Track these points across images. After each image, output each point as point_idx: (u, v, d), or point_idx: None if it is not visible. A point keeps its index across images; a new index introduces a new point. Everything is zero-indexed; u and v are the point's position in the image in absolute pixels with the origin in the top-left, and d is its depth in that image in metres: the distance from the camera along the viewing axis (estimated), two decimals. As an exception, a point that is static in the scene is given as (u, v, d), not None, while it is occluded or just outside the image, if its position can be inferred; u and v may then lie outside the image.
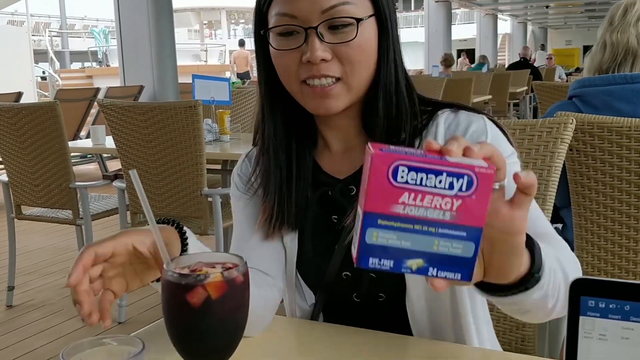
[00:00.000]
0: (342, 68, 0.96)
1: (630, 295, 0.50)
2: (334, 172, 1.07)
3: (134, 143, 2.87)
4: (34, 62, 12.36)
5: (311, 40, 0.94)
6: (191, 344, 0.65)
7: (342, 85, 0.97)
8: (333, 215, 1.05)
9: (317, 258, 1.06)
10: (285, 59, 0.97)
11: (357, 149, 1.06)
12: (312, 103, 0.99)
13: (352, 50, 0.95)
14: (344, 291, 1.05)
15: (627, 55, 1.81)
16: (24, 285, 3.70)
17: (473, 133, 0.98)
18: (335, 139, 1.08)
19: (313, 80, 0.96)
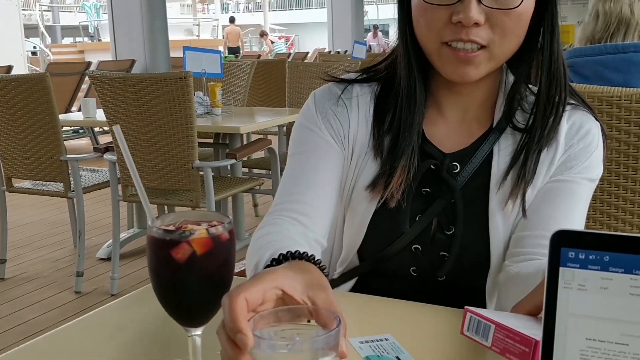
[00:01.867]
0: (492, 36, 0.89)
1: (609, 246, 0.50)
2: (441, 145, 1.01)
3: (124, 115, 2.86)
4: (24, 37, 12.23)
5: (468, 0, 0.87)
6: (177, 300, 0.65)
7: (485, 53, 0.90)
8: (424, 187, 1.00)
9: (391, 223, 1.00)
10: (431, 14, 0.90)
11: (473, 123, 1.01)
12: (449, 68, 0.92)
13: (510, 20, 0.88)
14: (403, 263, 1.02)
15: (620, 25, 1.81)
16: (17, 258, 3.71)
17: (587, 139, 0.98)
18: (453, 107, 1.02)
19: (457, 43, 0.89)
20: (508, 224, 0.98)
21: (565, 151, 0.97)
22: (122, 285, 3.22)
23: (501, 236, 0.98)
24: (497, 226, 0.98)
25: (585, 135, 0.97)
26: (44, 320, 2.87)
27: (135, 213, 3.88)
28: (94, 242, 3.86)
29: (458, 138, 1.01)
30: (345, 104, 1.03)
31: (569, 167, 0.97)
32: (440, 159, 0.99)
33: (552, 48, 0.95)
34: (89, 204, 3.42)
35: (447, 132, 1.01)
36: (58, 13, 23.76)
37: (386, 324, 0.87)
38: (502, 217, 0.97)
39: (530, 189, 0.97)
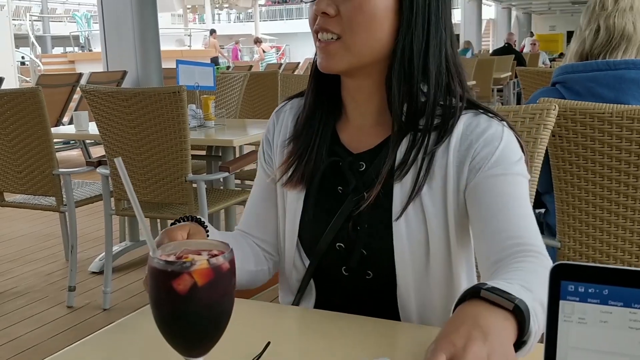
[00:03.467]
0: (342, 26, 0.97)
1: (608, 280, 0.51)
2: (350, 146, 1.08)
3: (117, 129, 2.86)
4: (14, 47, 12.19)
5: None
6: (178, 331, 0.65)
7: (340, 44, 0.98)
8: (339, 186, 1.07)
9: (316, 223, 1.08)
10: (310, 10, 1.01)
11: (377, 127, 1.06)
12: (318, 59, 1.02)
13: (353, 9, 0.96)
14: (334, 262, 1.08)
15: (622, 40, 1.81)
16: (8, 272, 3.68)
17: (487, 137, 0.99)
18: (355, 113, 1.09)
19: (320, 34, 0.99)
20: (411, 228, 1.01)
21: (468, 152, 0.99)
22: (115, 299, 3.20)
23: (404, 239, 1.02)
24: (400, 229, 1.01)
25: (482, 133, 0.99)
26: (36, 335, 2.85)
27: (127, 226, 3.87)
28: (86, 256, 3.85)
29: (365, 140, 1.07)
30: (275, 119, 1.18)
31: (478, 168, 0.98)
32: (344, 157, 1.07)
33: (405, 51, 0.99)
34: (80, 216, 3.40)
35: (354, 135, 1.09)
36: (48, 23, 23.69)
37: (384, 346, 0.87)
38: (404, 220, 1.01)
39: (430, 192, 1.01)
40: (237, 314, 0.73)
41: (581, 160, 1.70)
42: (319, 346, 0.89)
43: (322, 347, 0.89)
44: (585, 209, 1.75)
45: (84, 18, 20.44)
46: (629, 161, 1.66)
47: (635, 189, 1.67)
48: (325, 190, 1.08)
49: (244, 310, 1.01)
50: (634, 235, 1.71)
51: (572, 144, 1.70)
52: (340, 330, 0.93)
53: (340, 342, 0.91)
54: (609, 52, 1.81)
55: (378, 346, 0.88)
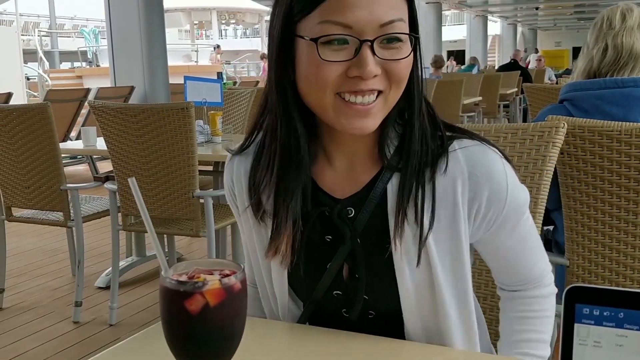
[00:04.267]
0: (388, 84, 0.90)
1: (624, 303, 0.51)
2: (333, 191, 1.00)
3: (125, 145, 2.87)
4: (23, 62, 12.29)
5: (365, 55, 0.85)
6: (189, 351, 0.65)
7: (382, 101, 0.90)
8: (327, 235, 1.00)
9: (307, 276, 1.02)
10: (327, 70, 0.87)
11: (361, 169, 0.99)
12: (347, 122, 0.90)
13: (402, 67, 0.90)
14: (333, 307, 1.03)
15: (630, 59, 1.82)
16: (15, 287, 3.68)
17: (492, 191, 0.94)
18: (341, 157, 1.00)
19: (355, 96, 0.88)
20: (416, 272, 0.96)
21: (476, 196, 0.94)
22: (121, 314, 3.20)
23: (409, 284, 0.96)
24: (404, 273, 0.96)
25: (490, 176, 0.94)
26: (42, 351, 2.85)
27: (134, 241, 3.87)
28: (93, 270, 3.85)
29: (349, 184, 0.99)
30: (232, 182, 1.06)
31: (490, 225, 0.97)
32: (331, 205, 0.98)
33: (418, 87, 0.96)
34: (87, 231, 3.41)
35: (337, 179, 1.00)
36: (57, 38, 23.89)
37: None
38: (408, 264, 0.95)
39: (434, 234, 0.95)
40: (249, 333, 0.73)
41: (590, 177, 1.70)
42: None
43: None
44: (594, 226, 1.74)
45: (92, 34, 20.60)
46: (638, 179, 1.65)
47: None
48: (311, 242, 1.00)
49: (256, 330, 1.01)
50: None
51: (581, 161, 1.69)
52: (354, 350, 0.93)
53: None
54: (617, 71, 1.81)
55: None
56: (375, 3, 0.86)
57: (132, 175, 2.86)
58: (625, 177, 1.67)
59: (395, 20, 0.87)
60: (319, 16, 0.86)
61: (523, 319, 1.05)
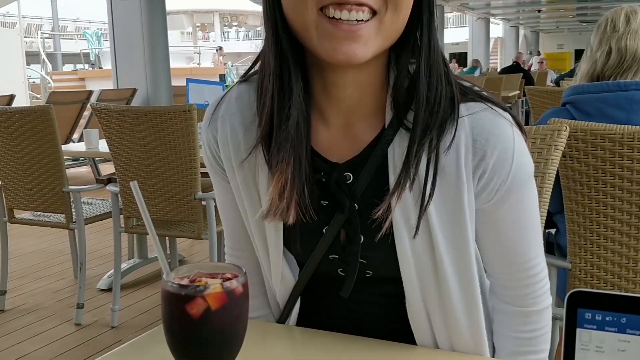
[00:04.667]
0: (383, 2, 0.77)
1: (626, 308, 0.50)
2: (330, 154, 0.90)
3: (127, 147, 2.87)
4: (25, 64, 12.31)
5: None
6: (190, 354, 0.65)
7: (375, 24, 0.77)
8: (322, 200, 0.91)
9: (303, 240, 0.94)
10: None
11: (360, 127, 0.89)
12: (331, 44, 0.77)
13: None
14: (329, 268, 0.97)
15: (634, 62, 1.82)
16: (17, 289, 3.69)
17: (498, 157, 0.85)
18: (337, 113, 0.89)
19: (340, 11, 0.75)
20: (416, 241, 0.88)
21: (479, 165, 0.86)
22: (123, 316, 3.20)
23: (408, 253, 0.89)
24: (403, 242, 0.89)
25: (493, 149, 0.85)
26: (44, 352, 2.85)
27: (136, 243, 3.87)
28: (95, 273, 3.85)
29: (347, 146, 0.90)
30: (213, 128, 0.96)
31: (492, 195, 0.88)
32: (327, 171, 0.90)
33: (430, 33, 0.83)
34: (89, 233, 3.40)
35: (333, 140, 0.90)
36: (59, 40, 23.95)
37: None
38: (407, 231, 0.88)
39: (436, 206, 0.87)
40: (251, 336, 0.73)
41: (592, 181, 1.70)
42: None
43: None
44: (596, 230, 1.74)
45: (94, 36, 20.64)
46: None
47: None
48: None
49: (257, 333, 1.01)
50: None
51: (583, 164, 1.69)
52: (357, 353, 0.93)
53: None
54: (620, 74, 1.81)
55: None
56: None
57: (134, 177, 2.87)
58: (628, 180, 1.66)
59: None
60: None
61: (521, 340, 0.99)
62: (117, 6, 7.79)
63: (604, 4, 19.09)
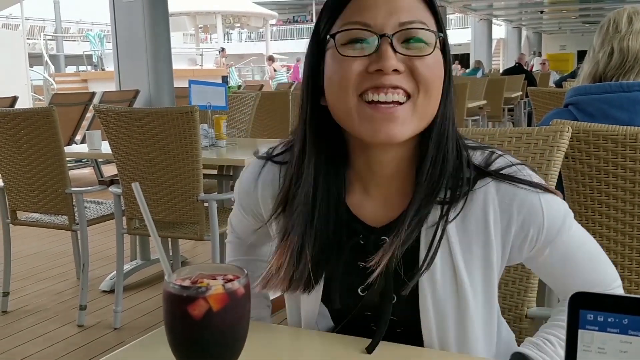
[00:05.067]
0: (415, 85, 0.87)
1: (628, 309, 0.50)
2: (368, 219, 0.99)
3: (130, 148, 2.88)
4: (28, 66, 12.34)
5: (384, 49, 0.85)
6: (192, 355, 0.65)
7: (410, 106, 0.87)
8: (359, 261, 0.98)
9: (341, 299, 1.01)
10: (346, 66, 0.87)
11: (396, 195, 0.97)
12: (371, 126, 0.87)
13: (427, 67, 0.87)
14: (362, 322, 1.02)
15: (636, 63, 1.81)
16: (19, 290, 3.69)
17: (527, 213, 0.93)
18: (372, 184, 0.98)
19: (378, 94, 0.85)
20: (438, 299, 0.95)
21: (510, 225, 0.94)
22: (125, 318, 3.20)
23: (430, 311, 0.96)
24: (426, 300, 0.95)
25: (522, 201, 0.93)
26: (46, 354, 2.85)
27: (138, 245, 3.87)
28: (97, 274, 3.85)
29: (385, 212, 0.98)
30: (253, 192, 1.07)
31: (532, 246, 0.96)
32: (365, 235, 0.98)
33: (452, 115, 0.94)
34: (91, 234, 3.41)
35: (373, 209, 0.99)
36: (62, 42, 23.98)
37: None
38: (431, 290, 0.95)
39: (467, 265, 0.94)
40: (253, 337, 0.73)
41: (594, 182, 1.69)
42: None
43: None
44: (598, 231, 1.73)
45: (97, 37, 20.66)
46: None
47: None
48: (346, 268, 0.99)
49: (259, 334, 1.01)
50: (649, 258, 1.69)
51: (585, 166, 1.69)
52: (359, 355, 0.93)
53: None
54: (622, 75, 1.80)
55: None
56: (394, 3, 0.87)
57: (137, 178, 2.87)
58: (631, 181, 1.66)
59: (416, 22, 0.87)
60: (341, 22, 0.89)
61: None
62: (120, 8, 7.80)
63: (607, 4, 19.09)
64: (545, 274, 1.03)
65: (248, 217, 1.11)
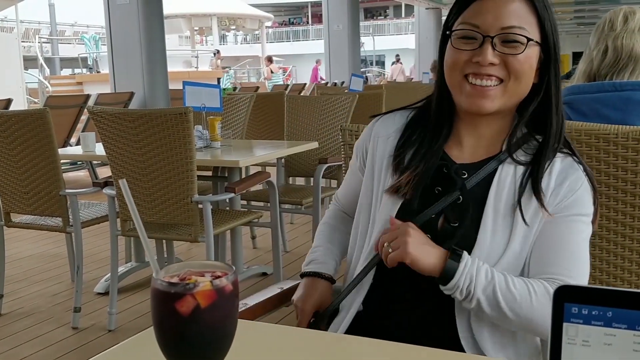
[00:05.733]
0: (507, 73, 1.15)
1: (612, 302, 0.51)
2: (455, 157, 1.25)
3: (124, 150, 2.87)
4: (23, 69, 12.31)
5: (485, 47, 1.14)
6: (180, 352, 0.65)
7: (501, 88, 1.16)
8: (437, 186, 1.22)
9: (408, 215, 1.21)
10: (458, 55, 1.17)
11: (483, 149, 1.24)
12: (468, 100, 1.17)
13: (518, 62, 1.15)
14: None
15: (630, 62, 1.81)
16: (14, 293, 3.68)
17: (572, 182, 1.19)
18: (469, 138, 1.25)
19: (476, 79, 1.15)
20: (495, 233, 1.17)
21: (555, 191, 1.19)
22: (120, 320, 3.19)
23: (486, 243, 1.17)
24: (486, 233, 1.17)
25: (570, 178, 1.20)
26: (41, 356, 2.85)
27: (133, 247, 3.87)
28: (92, 276, 3.85)
29: (470, 155, 1.25)
30: (371, 131, 1.35)
31: (561, 208, 1.19)
32: (451, 164, 1.23)
33: (557, 99, 1.23)
34: (86, 237, 3.41)
35: (462, 155, 1.26)
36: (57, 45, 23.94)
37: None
38: (492, 226, 1.17)
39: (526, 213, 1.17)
40: (242, 335, 0.73)
41: (587, 181, 1.70)
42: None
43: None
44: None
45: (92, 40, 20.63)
46: (635, 182, 1.65)
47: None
48: (424, 190, 1.23)
49: (248, 333, 1.01)
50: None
51: (578, 164, 1.69)
52: (346, 352, 0.93)
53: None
54: (616, 73, 1.80)
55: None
56: (501, 10, 1.15)
57: (131, 180, 2.87)
58: (623, 180, 1.66)
59: (516, 27, 1.14)
60: (461, 20, 1.19)
61: None
62: (115, 10, 7.80)
63: (602, 6, 19.13)
64: (539, 245, 1.18)
65: (358, 162, 1.37)
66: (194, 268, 0.68)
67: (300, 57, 32.05)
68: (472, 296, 1.11)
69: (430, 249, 1.14)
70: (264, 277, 3.84)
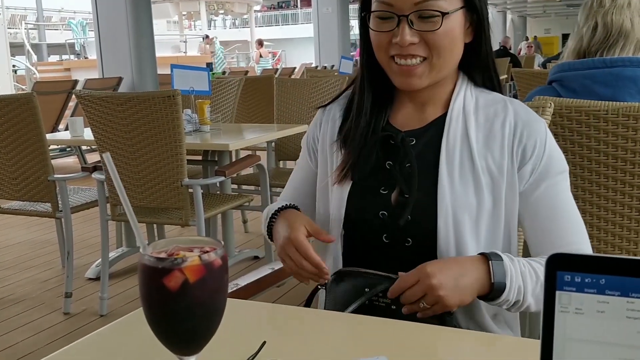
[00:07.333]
0: (429, 51, 1.13)
1: (605, 269, 0.50)
2: (403, 126, 1.23)
3: (112, 134, 2.85)
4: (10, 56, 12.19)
5: (402, 27, 1.11)
6: (170, 329, 0.64)
7: (427, 65, 1.14)
8: (388, 161, 1.20)
9: (364, 196, 1.20)
10: (379, 37, 1.15)
11: (429, 112, 1.22)
12: (397, 79, 1.17)
13: (437, 37, 1.12)
14: (375, 231, 1.19)
15: (620, 37, 1.80)
16: (4, 279, 3.67)
17: (535, 142, 1.14)
18: (406, 100, 1.24)
19: (400, 59, 1.13)
20: (455, 195, 1.14)
21: (519, 142, 1.15)
22: (112, 305, 3.19)
23: (449, 205, 1.13)
24: (445, 194, 1.14)
25: (531, 131, 1.15)
26: (32, 342, 2.84)
27: (124, 232, 3.85)
28: (83, 262, 3.83)
29: (416, 122, 1.22)
30: (321, 116, 1.33)
31: (529, 175, 1.15)
32: (396, 134, 1.21)
33: (488, 55, 1.22)
34: (76, 222, 3.39)
35: (407, 117, 1.24)
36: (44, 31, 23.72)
37: (381, 344, 0.86)
38: (449, 187, 1.14)
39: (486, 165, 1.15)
40: (232, 314, 0.72)
41: (577, 158, 1.70)
42: (315, 345, 0.88)
43: (318, 346, 0.88)
44: (581, 206, 1.74)
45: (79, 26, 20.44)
46: (625, 158, 1.65)
47: (632, 186, 1.67)
48: (372, 167, 1.21)
49: (239, 311, 1.01)
50: (631, 233, 1.70)
51: (568, 142, 1.69)
52: (336, 328, 0.92)
53: (336, 340, 0.91)
54: (607, 49, 1.79)
55: (375, 344, 0.87)
56: None
57: (119, 164, 2.84)
58: (612, 156, 1.67)
59: (430, 0, 1.09)
60: (375, 1, 1.15)
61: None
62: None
63: (590, -13, 19.06)
64: (531, 226, 1.16)
65: (308, 154, 1.34)
66: (182, 244, 0.67)
67: (290, 41, 31.87)
68: (522, 304, 1.07)
69: (465, 281, 1.04)
70: (255, 261, 3.84)
